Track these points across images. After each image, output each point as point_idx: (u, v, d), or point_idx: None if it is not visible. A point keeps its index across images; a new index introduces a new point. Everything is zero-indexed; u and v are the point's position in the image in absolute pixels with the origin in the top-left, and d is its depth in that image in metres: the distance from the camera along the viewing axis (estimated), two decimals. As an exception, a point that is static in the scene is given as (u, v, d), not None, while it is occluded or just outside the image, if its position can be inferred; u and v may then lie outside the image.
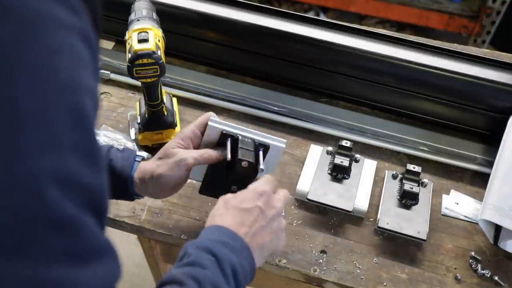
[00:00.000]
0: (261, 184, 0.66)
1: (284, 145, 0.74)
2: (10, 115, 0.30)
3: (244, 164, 0.69)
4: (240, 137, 0.71)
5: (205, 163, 0.72)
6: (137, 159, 0.74)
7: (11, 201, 0.30)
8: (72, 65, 0.33)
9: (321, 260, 0.80)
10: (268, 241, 0.63)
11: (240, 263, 0.57)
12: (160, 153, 0.72)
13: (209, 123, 0.72)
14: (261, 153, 0.72)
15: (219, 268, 0.54)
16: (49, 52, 0.31)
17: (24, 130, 0.30)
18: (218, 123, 0.72)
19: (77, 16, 0.34)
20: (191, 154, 0.70)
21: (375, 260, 0.81)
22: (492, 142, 0.96)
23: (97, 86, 0.37)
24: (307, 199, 0.86)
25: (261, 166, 0.70)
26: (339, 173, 0.88)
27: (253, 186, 0.66)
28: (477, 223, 0.84)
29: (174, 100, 0.99)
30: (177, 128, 0.94)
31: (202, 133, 0.73)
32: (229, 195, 0.65)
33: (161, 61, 0.79)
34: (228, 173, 0.72)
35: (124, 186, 0.72)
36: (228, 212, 0.62)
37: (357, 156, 0.91)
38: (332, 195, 0.86)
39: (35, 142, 0.31)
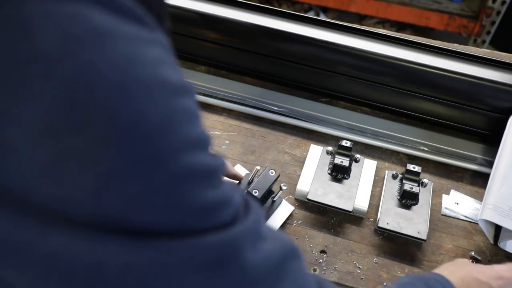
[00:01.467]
0: (505, 268, 0.66)
1: (291, 209, 0.85)
2: (144, 130, 0.31)
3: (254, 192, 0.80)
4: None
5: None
6: None
7: (160, 202, 0.32)
8: (169, 70, 0.34)
9: (321, 260, 0.80)
10: None
11: None
12: None
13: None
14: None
15: None
16: (154, 64, 0.33)
17: (157, 138, 0.32)
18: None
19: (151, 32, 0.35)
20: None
21: (375, 260, 0.81)
22: (492, 142, 0.96)
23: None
24: (307, 199, 0.86)
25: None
26: (339, 173, 0.88)
27: (496, 267, 0.66)
28: (477, 223, 0.84)
29: (174, 100, 0.99)
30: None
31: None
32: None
33: (161, 61, 0.79)
34: None
35: None
36: (459, 270, 0.64)
37: (357, 156, 0.91)
38: (332, 195, 0.86)
39: (170, 146, 0.32)
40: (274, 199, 0.84)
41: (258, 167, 0.82)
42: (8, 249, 0.31)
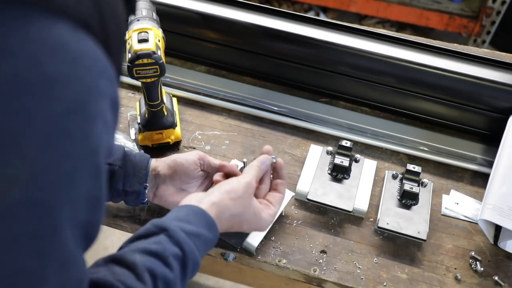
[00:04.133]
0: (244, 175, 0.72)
1: (292, 195, 0.85)
2: (51, 177, 0.35)
3: None
4: None
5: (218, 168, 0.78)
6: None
7: (36, 245, 0.36)
8: (101, 131, 0.38)
9: (321, 260, 0.80)
10: (239, 224, 0.69)
11: (201, 254, 0.61)
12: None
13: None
14: None
15: (181, 268, 0.57)
16: (88, 122, 0.37)
17: (57, 188, 0.36)
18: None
19: (112, 85, 0.40)
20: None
21: (375, 260, 0.81)
22: (492, 142, 0.96)
23: (113, 141, 0.43)
24: (307, 199, 0.86)
25: None
26: (339, 173, 0.88)
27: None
28: (477, 223, 0.84)
29: (174, 100, 0.99)
30: (177, 128, 0.94)
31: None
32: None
33: (161, 61, 0.79)
34: None
35: (142, 173, 0.77)
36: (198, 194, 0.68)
37: (357, 156, 0.91)
38: (332, 195, 0.86)
39: (63, 197, 0.37)
40: None
41: (245, 160, 0.82)
42: None
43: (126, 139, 0.94)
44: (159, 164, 0.78)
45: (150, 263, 0.54)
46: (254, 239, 0.80)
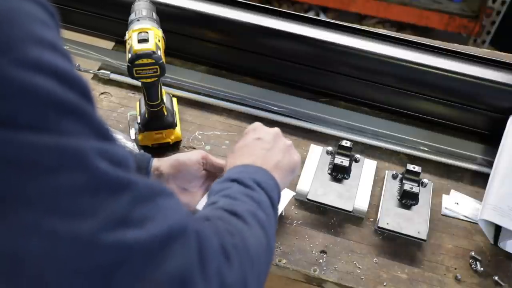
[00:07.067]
0: (250, 125, 0.75)
1: (292, 194, 0.83)
2: None
3: None
4: None
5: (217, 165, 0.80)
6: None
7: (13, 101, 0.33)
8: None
9: (321, 260, 0.80)
10: (281, 158, 0.69)
11: (260, 177, 0.62)
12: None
13: None
14: None
15: (242, 185, 0.60)
16: None
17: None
18: None
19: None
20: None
21: (375, 260, 0.81)
22: (492, 142, 0.96)
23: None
24: (307, 199, 0.86)
25: None
26: (339, 173, 0.88)
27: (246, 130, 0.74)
28: (477, 223, 0.84)
29: (174, 100, 0.99)
30: (177, 128, 0.94)
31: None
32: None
33: (161, 61, 0.79)
34: None
35: (142, 173, 0.76)
36: (234, 155, 0.69)
37: (357, 156, 0.91)
38: (332, 195, 0.86)
39: (13, 35, 0.34)
40: None
41: None
42: None
43: (126, 139, 0.94)
44: (162, 163, 0.78)
45: (218, 195, 0.58)
46: None
